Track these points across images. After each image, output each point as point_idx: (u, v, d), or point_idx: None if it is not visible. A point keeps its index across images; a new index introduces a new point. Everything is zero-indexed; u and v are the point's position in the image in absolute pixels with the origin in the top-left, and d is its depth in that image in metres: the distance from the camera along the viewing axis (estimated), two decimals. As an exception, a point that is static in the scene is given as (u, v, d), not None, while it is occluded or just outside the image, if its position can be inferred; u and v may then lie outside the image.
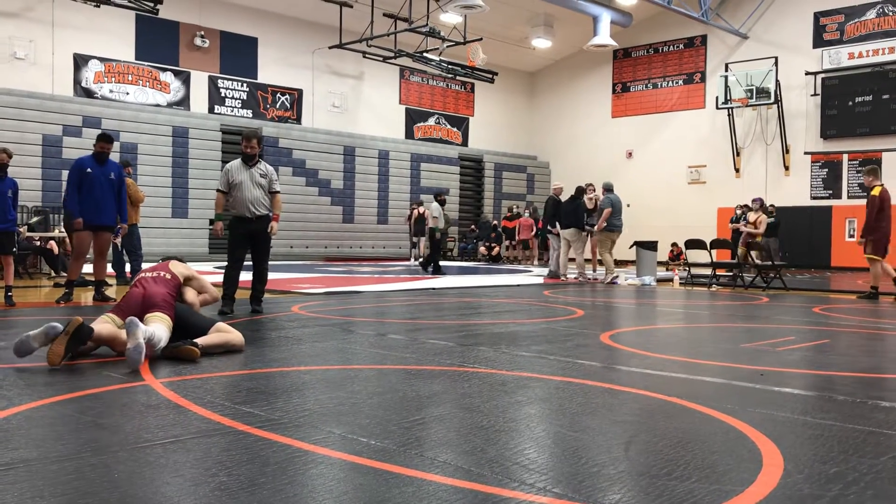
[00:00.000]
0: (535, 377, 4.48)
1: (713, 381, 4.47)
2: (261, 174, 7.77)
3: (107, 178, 8.70)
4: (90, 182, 8.54)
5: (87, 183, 8.53)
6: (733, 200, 22.68)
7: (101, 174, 8.64)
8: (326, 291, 10.75)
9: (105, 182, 8.67)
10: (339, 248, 23.31)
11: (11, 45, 17.78)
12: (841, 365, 5.15)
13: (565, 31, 25.43)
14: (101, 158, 8.71)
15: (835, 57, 22.04)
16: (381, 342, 5.85)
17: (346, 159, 23.53)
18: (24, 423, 3.28)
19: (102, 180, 8.64)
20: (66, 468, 2.64)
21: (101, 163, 8.70)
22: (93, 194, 8.56)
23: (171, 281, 5.54)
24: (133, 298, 5.30)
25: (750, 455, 2.91)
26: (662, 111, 26.00)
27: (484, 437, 3.12)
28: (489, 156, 27.80)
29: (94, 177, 8.57)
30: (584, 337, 6.39)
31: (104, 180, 8.66)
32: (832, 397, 4.02)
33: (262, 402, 3.69)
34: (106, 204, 8.69)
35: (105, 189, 8.67)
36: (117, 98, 19.44)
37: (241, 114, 21.81)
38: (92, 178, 8.55)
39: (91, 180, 8.55)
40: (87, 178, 8.53)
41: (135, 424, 3.26)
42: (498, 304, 9.50)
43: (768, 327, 7.52)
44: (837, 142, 22.02)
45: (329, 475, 2.63)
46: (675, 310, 9.55)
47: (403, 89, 25.87)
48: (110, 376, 4.32)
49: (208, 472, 2.62)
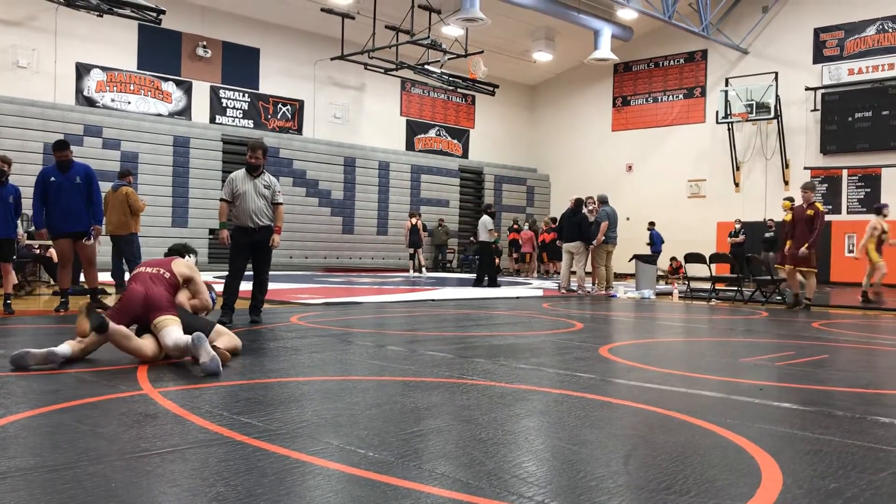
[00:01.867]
0: (534, 390, 4.48)
1: (712, 395, 4.46)
2: (264, 185, 7.79)
3: (72, 184, 8.44)
4: (56, 190, 8.37)
5: (53, 192, 8.37)
6: (733, 215, 22.74)
7: (65, 181, 8.41)
8: (325, 302, 10.75)
9: (71, 188, 8.42)
10: (338, 258, 23.32)
11: (14, 53, 17.85)
12: (840, 380, 5.15)
13: (566, 44, 25.54)
14: (62, 166, 8.47)
15: (835, 73, 22.13)
16: (379, 353, 5.85)
17: (347, 170, 23.57)
18: (22, 431, 3.27)
19: (67, 186, 8.41)
20: (63, 477, 2.63)
21: (65, 170, 8.46)
22: (60, 202, 8.39)
23: (169, 280, 5.40)
24: (133, 299, 5.17)
25: (749, 470, 2.90)
26: (663, 125, 26.07)
27: (482, 450, 3.12)
28: (489, 168, 27.85)
29: (58, 184, 8.38)
30: (584, 350, 6.38)
31: (69, 186, 8.42)
32: (831, 413, 4.02)
33: (261, 413, 3.68)
34: (75, 210, 8.47)
35: (72, 195, 8.43)
36: (119, 107, 19.49)
37: (242, 124, 21.86)
38: (57, 185, 8.37)
39: (56, 188, 8.37)
40: (51, 187, 8.37)
41: (133, 434, 3.26)
42: (497, 317, 9.50)
43: (768, 342, 7.52)
44: (837, 157, 22.07)
45: (327, 486, 2.62)
46: (675, 323, 9.54)
47: (404, 101, 25.94)
48: (108, 385, 4.31)
49: (206, 482, 2.61)
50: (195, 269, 5.75)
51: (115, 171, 18.62)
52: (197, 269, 5.80)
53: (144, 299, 5.16)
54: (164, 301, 5.19)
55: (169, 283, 5.38)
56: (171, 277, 5.44)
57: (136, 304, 5.16)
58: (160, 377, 4.59)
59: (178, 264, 5.60)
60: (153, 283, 5.30)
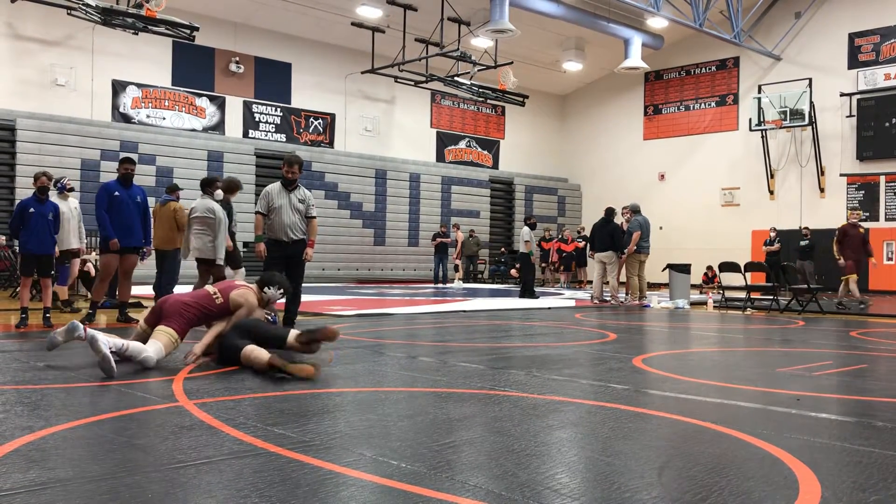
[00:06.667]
0: (567, 401, 4.45)
1: (748, 405, 4.40)
2: (299, 199, 7.87)
3: (133, 201, 8.79)
4: (118, 205, 8.63)
5: (116, 206, 8.62)
6: (767, 223, 22.44)
7: (127, 197, 8.72)
8: (358, 314, 10.79)
9: (132, 204, 8.76)
10: (370, 270, 23.41)
11: (53, 72, 18.24)
12: (880, 390, 5.05)
13: (596, 54, 25.47)
14: (126, 181, 8.80)
15: (870, 78, 21.80)
16: (411, 365, 5.86)
17: (378, 182, 23.70)
18: (61, 443, 3.33)
19: (129, 203, 8.73)
20: (101, 488, 2.67)
21: (127, 185, 8.79)
22: (121, 217, 8.64)
23: (213, 300, 5.72)
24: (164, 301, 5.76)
25: (786, 482, 2.86)
26: (695, 133, 25.85)
27: (515, 461, 3.11)
28: (520, 178, 27.82)
29: (121, 200, 8.66)
30: (617, 361, 6.34)
31: (131, 203, 8.75)
32: (871, 423, 3.94)
33: (294, 424, 3.71)
34: (134, 226, 8.79)
35: (132, 211, 8.75)
36: (154, 123, 19.81)
37: (274, 138, 22.09)
38: (120, 201, 8.65)
39: (119, 203, 8.64)
40: (115, 202, 8.63)
41: (168, 445, 3.30)
42: (529, 328, 9.47)
43: (805, 351, 7.40)
44: (874, 163, 21.71)
45: (360, 498, 2.63)
46: (709, 333, 9.44)
47: (434, 113, 26.03)
48: (145, 397, 4.37)
49: (240, 493, 2.64)
50: (249, 302, 5.87)
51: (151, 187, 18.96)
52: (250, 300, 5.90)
53: (163, 305, 5.68)
54: (173, 310, 5.58)
55: (212, 302, 5.73)
56: (223, 303, 5.76)
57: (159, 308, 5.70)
58: (195, 389, 4.64)
59: (238, 295, 5.84)
60: (194, 295, 5.77)
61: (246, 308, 5.80)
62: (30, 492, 2.60)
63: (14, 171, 17.31)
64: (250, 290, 5.94)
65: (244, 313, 5.79)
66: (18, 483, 2.70)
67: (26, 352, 6.32)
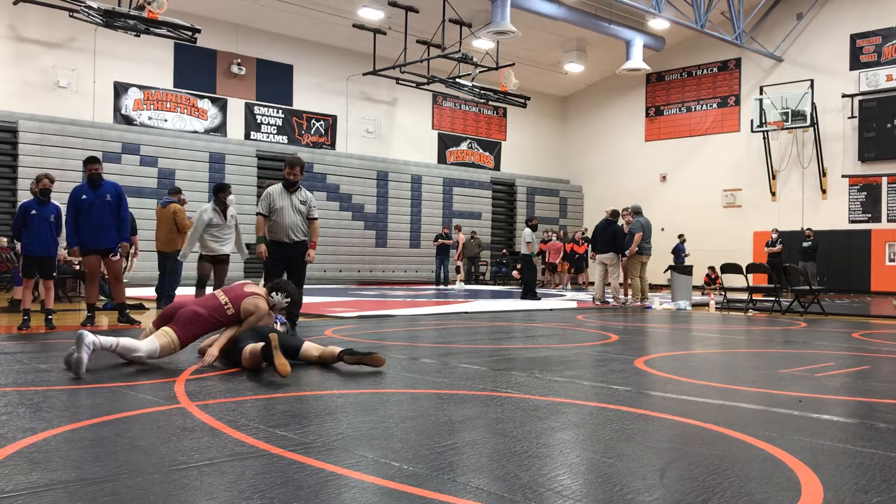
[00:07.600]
0: (569, 402, 4.45)
1: (750, 407, 4.40)
2: (301, 201, 7.87)
3: (103, 201, 8.64)
4: (87, 208, 8.56)
5: (85, 209, 8.56)
6: (769, 224, 22.45)
7: (96, 198, 8.61)
8: (359, 315, 10.79)
9: (102, 205, 8.63)
10: (371, 271, 23.42)
11: (55, 74, 18.27)
12: (883, 392, 5.04)
13: (598, 55, 25.48)
14: (94, 182, 8.66)
15: (872, 79, 21.79)
16: (413, 366, 5.85)
17: (380, 184, 23.72)
18: (63, 444, 3.33)
19: (99, 204, 8.61)
20: (103, 489, 2.67)
21: (96, 187, 8.67)
22: (91, 219, 8.57)
23: (225, 311, 5.80)
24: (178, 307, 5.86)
25: (788, 483, 2.86)
26: (696, 135, 25.86)
27: (517, 463, 3.10)
28: (521, 180, 27.83)
29: (90, 202, 8.58)
30: (619, 362, 6.33)
31: (101, 203, 8.62)
32: (874, 425, 3.94)
33: (296, 426, 3.71)
34: (104, 227, 8.66)
35: (103, 212, 8.63)
36: (156, 125, 19.83)
37: (276, 140, 22.11)
38: (89, 203, 8.57)
39: (88, 206, 8.57)
40: (83, 205, 8.56)
41: (170, 447, 3.30)
42: (531, 329, 9.46)
43: (807, 353, 7.40)
44: (876, 164, 21.71)
45: (362, 499, 2.63)
46: (711, 335, 9.43)
47: (436, 114, 26.05)
48: (147, 399, 4.37)
49: (242, 494, 2.64)
50: (259, 309, 5.93)
51: (152, 188, 19.00)
52: (261, 306, 5.96)
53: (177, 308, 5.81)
54: (187, 321, 5.67)
55: (220, 309, 5.81)
56: (234, 314, 5.83)
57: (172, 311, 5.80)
58: (197, 391, 4.64)
59: (249, 302, 5.90)
60: (206, 299, 5.91)
61: (256, 315, 5.90)
62: (32, 494, 2.60)
63: (16, 172, 17.34)
64: (261, 297, 6.00)
65: (254, 320, 5.88)
66: (21, 485, 2.70)
67: (28, 353, 6.32)
